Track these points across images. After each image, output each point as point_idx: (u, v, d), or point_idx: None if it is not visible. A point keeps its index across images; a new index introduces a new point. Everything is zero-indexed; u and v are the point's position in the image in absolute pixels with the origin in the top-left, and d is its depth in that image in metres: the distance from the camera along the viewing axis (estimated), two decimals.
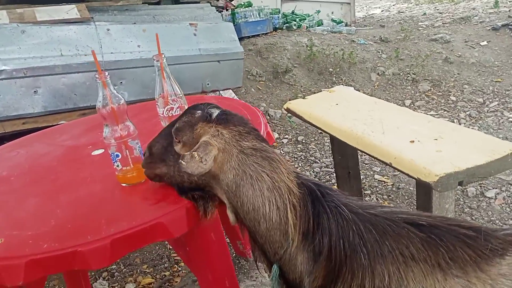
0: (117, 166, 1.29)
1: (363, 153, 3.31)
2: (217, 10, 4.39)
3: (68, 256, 1.04)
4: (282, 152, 3.72)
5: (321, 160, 3.56)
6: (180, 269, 2.42)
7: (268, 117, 4.26)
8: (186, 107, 1.42)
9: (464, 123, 4.07)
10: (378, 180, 3.21)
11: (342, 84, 4.97)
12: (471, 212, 2.69)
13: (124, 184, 1.33)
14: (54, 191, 1.37)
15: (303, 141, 3.92)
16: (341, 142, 2.29)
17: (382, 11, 10.26)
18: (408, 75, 5.16)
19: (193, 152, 1.01)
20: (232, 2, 6.38)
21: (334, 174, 3.25)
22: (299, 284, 1.06)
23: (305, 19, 6.68)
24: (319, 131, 4.05)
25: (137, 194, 1.28)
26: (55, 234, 1.11)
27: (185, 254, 1.52)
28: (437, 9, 8.81)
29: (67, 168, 1.53)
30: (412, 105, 4.66)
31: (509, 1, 7.60)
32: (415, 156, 1.74)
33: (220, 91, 3.84)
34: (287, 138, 4.00)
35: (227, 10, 6.22)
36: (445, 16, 7.70)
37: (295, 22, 6.46)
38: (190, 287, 2.21)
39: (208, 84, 3.66)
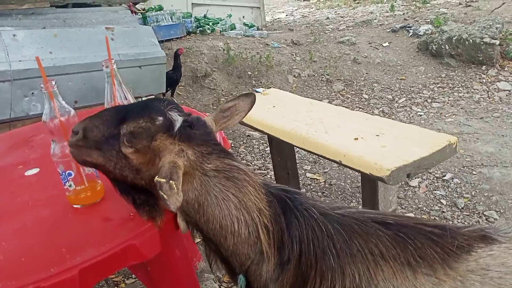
0: (69, 186, 1.15)
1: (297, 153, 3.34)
2: None
3: None
4: None
5: (252, 163, 3.56)
6: None
7: None
8: None
9: None
10: (311, 178, 3.28)
11: (261, 87, 5.04)
12: (400, 202, 2.87)
13: (77, 206, 1.18)
14: None
15: (232, 145, 3.89)
16: (279, 143, 2.29)
17: (286, 15, 10.61)
18: (323, 76, 5.39)
19: (171, 182, 0.87)
20: (137, 6, 6.12)
21: (269, 176, 3.27)
22: None
23: (218, 23, 6.67)
24: (246, 134, 4.06)
25: (96, 216, 1.15)
26: (8, 270, 0.95)
27: (146, 274, 1.40)
28: (338, 14, 9.34)
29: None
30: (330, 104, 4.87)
31: (402, 5, 8.31)
32: (363, 153, 1.80)
33: (143, 98, 3.66)
34: None
35: (136, 14, 5.97)
36: (347, 20, 8.19)
37: (208, 26, 6.41)
38: None
39: (130, 90, 3.46)
